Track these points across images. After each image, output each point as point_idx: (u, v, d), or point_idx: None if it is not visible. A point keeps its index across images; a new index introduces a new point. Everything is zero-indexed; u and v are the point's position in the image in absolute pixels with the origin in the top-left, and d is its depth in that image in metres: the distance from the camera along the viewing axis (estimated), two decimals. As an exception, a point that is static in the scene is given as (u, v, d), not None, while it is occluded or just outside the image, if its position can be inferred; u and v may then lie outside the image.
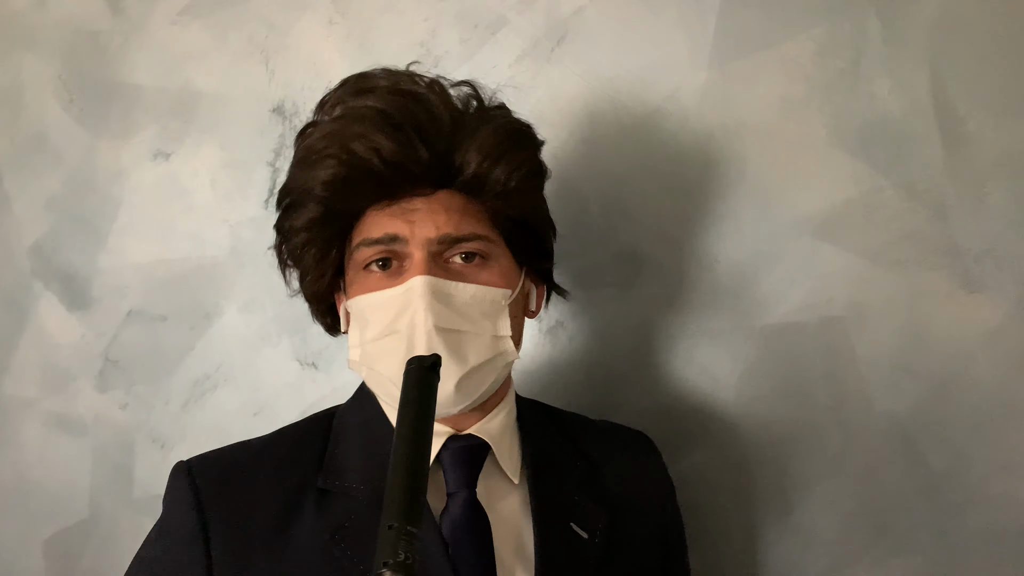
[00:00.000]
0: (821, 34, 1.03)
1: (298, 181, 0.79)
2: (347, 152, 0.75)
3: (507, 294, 0.78)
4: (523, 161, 0.81)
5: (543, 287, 0.88)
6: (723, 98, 1.05)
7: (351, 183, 0.76)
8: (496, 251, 0.79)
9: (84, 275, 1.20)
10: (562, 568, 0.76)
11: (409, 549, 0.50)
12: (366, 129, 0.75)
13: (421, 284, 0.73)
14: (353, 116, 0.77)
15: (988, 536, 1.00)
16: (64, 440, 1.21)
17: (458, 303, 0.75)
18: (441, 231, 0.75)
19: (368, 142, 0.75)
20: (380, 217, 0.77)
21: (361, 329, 0.78)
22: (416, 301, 0.73)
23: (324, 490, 0.76)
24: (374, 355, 0.76)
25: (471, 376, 0.75)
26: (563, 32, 1.09)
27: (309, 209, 0.78)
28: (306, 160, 0.78)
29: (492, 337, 0.77)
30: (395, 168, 0.76)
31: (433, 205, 0.77)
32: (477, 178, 0.78)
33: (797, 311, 1.04)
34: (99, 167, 1.20)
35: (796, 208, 1.04)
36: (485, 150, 0.78)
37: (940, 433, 1.01)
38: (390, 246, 0.76)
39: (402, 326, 0.73)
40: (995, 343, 1.00)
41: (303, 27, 1.15)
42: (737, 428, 1.06)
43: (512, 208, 0.80)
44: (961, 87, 1.01)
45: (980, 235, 1.00)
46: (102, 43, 1.20)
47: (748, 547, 1.06)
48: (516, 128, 0.83)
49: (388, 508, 0.53)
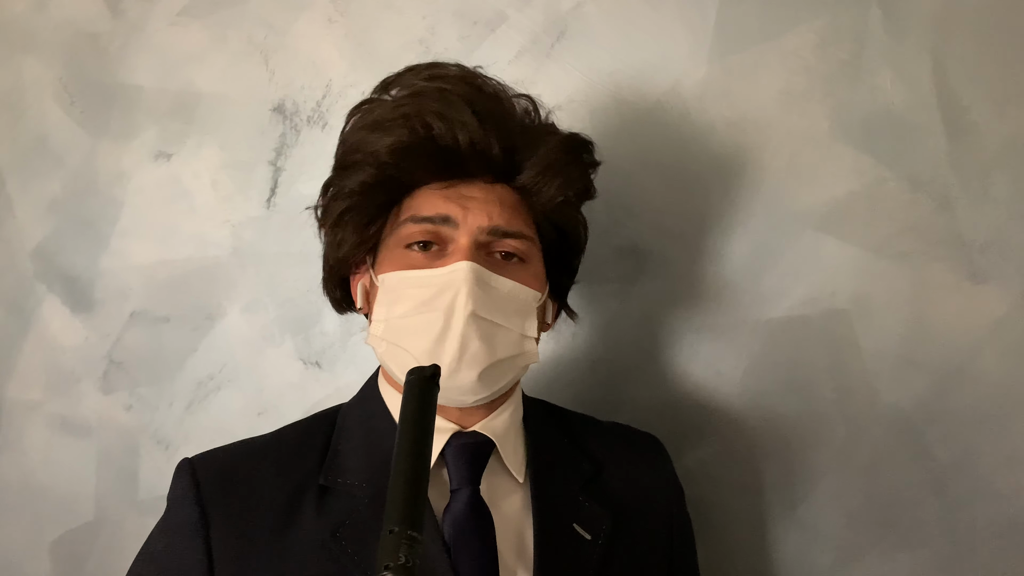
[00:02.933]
0: (822, 26, 1.03)
1: (362, 144, 0.79)
2: (423, 125, 0.77)
3: (538, 297, 0.80)
4: (580, 177, 0.84)
5: (556, 303, 0.89)
6: (724, 92, 1.05)
7: (420, 154, 0.78)
8: (534, 255, 0.81)
9: (87, 277, 1.20)
10: (562, 569, 0.76)
11: (410, 553, 0.51)
12: (446, 108, 0.77)
13: (467, 269, 0.74)
14: (431, 95, 0.79)
15: (995, 529, 1.00)
16: (69, 442, 1.21)
17: (496, 295, 0.76)
18: (493, 222, 0.77)
19: (450, 119, 0.77)
20: (434, 197, 0.78)
21: (389, 304, 0.77)
22: (460, 284, 0.73)
23: (326, 487, 0.76)
24: (402, 331, 0.76)
25: (495, 368, 0.75)
26: (562, 28, 1.08)
27: (365, 172, 0.79)
28: (375, 126, 0.79)
29: (520, 335, 0.78)
30: (471, 149, 0.77)
31: (489, 196, 0.79)
32: (535, 182, 0.80)
33: (801, 304, 1.04)
34: (100, 169, 1.20)
35: (799, 201, 1.04)
36: (550, 158, 0.80)
37: (946, 425, 1.01)
38: (439, 227, 0.77)
39: (440, 306, 0.74)
40: (1001, 334, 0.99)
41: (302, 26, 1.15)
42: (742, 423, 1.05)
43: (560, 219, 0.83)
44: (964, 77, 1.00)
45: (985, 226, 1.00)
46: (102, 45, 1.20)
47: (754, 541, 1.06)
48: (581, 143, 0.86)
49: (389, 513, 0.53)
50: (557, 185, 0.80)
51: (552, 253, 0.84)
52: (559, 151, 0.81)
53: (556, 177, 0.80)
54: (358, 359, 1.14)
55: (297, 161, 1.15)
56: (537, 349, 0.80)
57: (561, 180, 0.80)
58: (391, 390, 0.82)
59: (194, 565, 0.72)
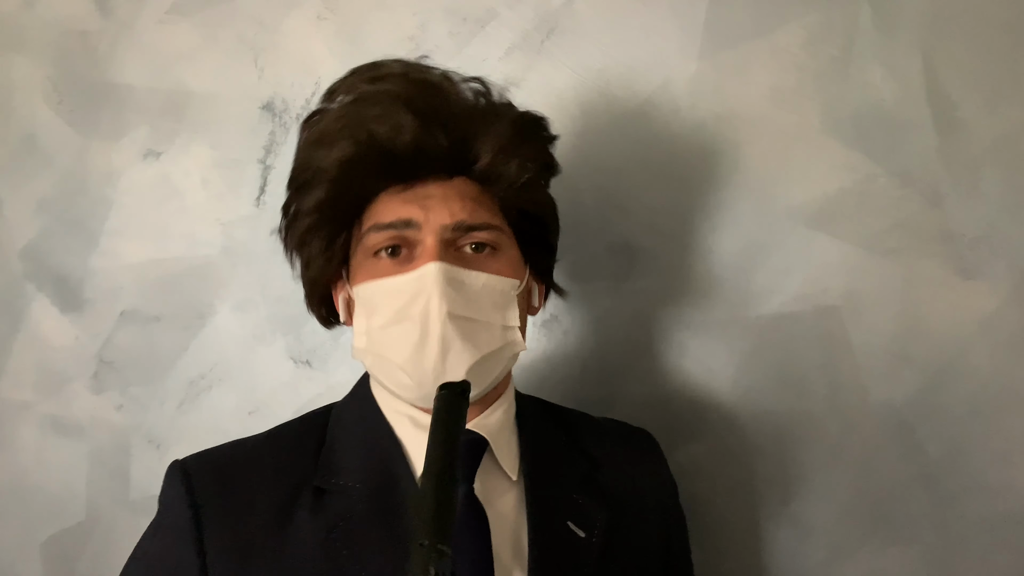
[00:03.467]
0: (812, 22, 1.03)
1: (310, 161, 0.78)
2: (366, 133, 0.76)
3: (516, 284, 0.78)
4: (537, 154, 0.82)
5: (543, 285, 0.88)
6: (715, 88, 1.05)
7: (367, 164, 0.76)
8: (506, 242, 0.79)
9: (77, 277, 1.20)
10: (557, 567, 0.75)
11: (439, 566, 0.52)
12: (386, 112, 0.76)
13: (435, 270, 0.73)
14: (370, 100, 0.77)
15: (986, 524, 1.00)
16: (60, 442, 1.21)
17: (470, 291, 0.75)
18: (456, 218, 0.75)
19: (389, 124, 0.75)
20: (393, 202, 0.77)
21: (368, 316, 0.77)
22: (430, 287, 0.72)
23: (321, 488, 0.76)
24: (383, 342, 0.75)
25: (481, 365, 0.75)
26: (553, 24, 1.08)
27: (320, 190, 0.77)
28: (320, 141, 0.78)
29: (501, 327, 0.76)
30: (415, 150, 0.76)
31: (448, 191, 0.77)
32: (493, 168, 0.78)
33: (792, 301, 1.04)
34: (90, 168, 1.19)
35: (790, 198, 1.04)
36: (502, 140, 0.78)
37: (937, 421, 1.01)
38: (402, 231, 0.75)
39: (415, 312, 0.73)
40: (991, 329, 1.00)
41: (292, 24, 1.15)
42: (734, 419, 1.06)
43: (524, 200, 0.81)
44: (954, 73, 1.01)
45: (975, 221, 1.00)
46: (91, 43, 1.20)
47: (746, 538, 1.06)
48: (533, 120, 0.84)
49: (419, 526, 0.55)
50: (515, 167, 0.78)
51: (525, 236, 0.82)
52: (510, 132, 0.79)
53: (512, 159, 0.78)
54: (349, 358, 1.13)
55: (287, 159, 1.13)
56: (523, 337, 0.80)
57: (518, 161, 0.78)
58: (383, 391, 0.81)
59: (187, 567, 0.72)
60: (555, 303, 1.09)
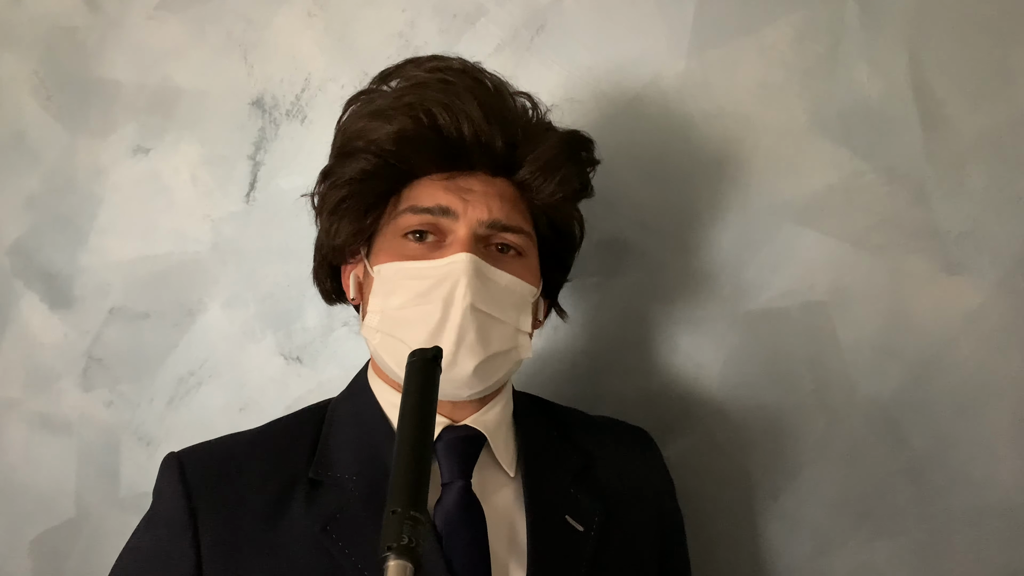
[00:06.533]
0: (799, 20, 1.03)
1: (363, 132, 0.79)
2: (427, 114, 0.77)
3: (534, 291, 0.81)
4: (578, 175, 0.85)
5: (547, 301, 0.89)
6: (703, 85, 1.05)
7: (423, 143, 0.77)
8: (530, 249, 0.81)
9: (65, 274, 1.19)
10: (555, 561, 0.76)
11: (413, 533, 0.50)
12: (451, 99, 0.77)
13: (467, 260, 0.74)
14: (434, 87, 0.78)
15: (971, 517, 1.01)
16: (49, 440, 1.20)
17: (494, 288, 0.76)
18: (492, 215, 0.77)
19: (454, 110, 0.77)
20: (434, 188, 0.78)
21: (386, 295, 0.77)
22: (459, 276, 0.73)
23: (316, 481, 0.76)
24: (398, 322, 0.76)
25: (490, 362, 0.76)
26: (542, 21, 1.08)
27: (365, 160, 0.79)
28: (376, 114, 0.79)
29: (515, 329, 0.78)
30: (473, 142, 0.78)
31: (489, 189, 0.79)
32: (535, 179, 0.80)
33: (780, 296, 1.05)
34: (78, 165, 1.19)
35: (777, 194, 1.04)
36: (550, 153, 0.81)
37: (923, 415, 1.02)
38: (438, 219, 0.77)
39: (438, 297, 0.74)
40: (976, 324, 1.01)
41: (281, 20, 1.14)
42: (722, 414, 1.06)
43: (556, 215, 0.84)
44: (939, 70, 1.01)
45: (960, 217, 1.01)
46: (79, 39, 1.19)
47: (734, 532, 1.07)
48: (582, 140, 0.86)
49: (392, 494, 0.53)
50: (556, 182, 0.81)
51: (547, 249, 0.85)
52: (559, 148, 0.82)
53: (555, 174, 0.81)
54: (339, 354, 1.14)
55: (276, 155, 1.15)
56: (530, 345, 0.81)
57: (560, 177, 0.81)
58: (382, 384, 0.82)
59: (182, 559, 0.72)
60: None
